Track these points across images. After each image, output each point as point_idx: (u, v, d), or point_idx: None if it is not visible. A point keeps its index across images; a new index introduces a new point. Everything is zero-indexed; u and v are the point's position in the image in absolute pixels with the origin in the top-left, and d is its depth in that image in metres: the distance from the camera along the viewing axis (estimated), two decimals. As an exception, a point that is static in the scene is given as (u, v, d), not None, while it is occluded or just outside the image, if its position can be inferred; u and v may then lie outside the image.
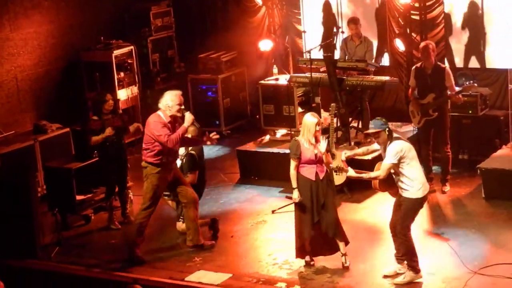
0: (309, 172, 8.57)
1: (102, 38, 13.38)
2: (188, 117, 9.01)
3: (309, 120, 8.59)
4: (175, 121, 9.12)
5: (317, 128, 8.56)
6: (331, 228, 8.60)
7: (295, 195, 8.59)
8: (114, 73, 13.10)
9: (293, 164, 8.59)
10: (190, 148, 9.69)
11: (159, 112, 9.09)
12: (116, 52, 13.19)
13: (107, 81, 12.94)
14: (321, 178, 8.59)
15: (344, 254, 8.70)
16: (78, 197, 10.43)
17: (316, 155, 8.54)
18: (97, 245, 9.96)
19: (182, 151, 9.67)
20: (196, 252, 9.37)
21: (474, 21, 12.24)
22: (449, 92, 10.41)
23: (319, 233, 8.67)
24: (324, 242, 8.73)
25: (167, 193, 9.76)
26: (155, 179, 9.11)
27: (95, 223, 10.56)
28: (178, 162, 9.64)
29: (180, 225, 9.79)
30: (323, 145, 8.57)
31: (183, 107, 9.09)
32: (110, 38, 13.46)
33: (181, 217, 9.74)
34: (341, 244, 8.69)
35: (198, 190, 9.74)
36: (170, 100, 9.01)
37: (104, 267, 9.22)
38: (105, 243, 9.95)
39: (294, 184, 8.60)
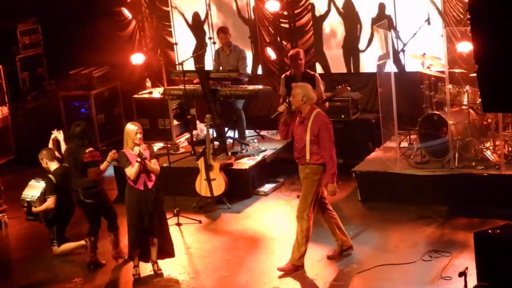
0: (138, 182, 8.61)
1: (-32, 58, 12.96)
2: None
3: (130, 128, 8.64)
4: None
5: (139, 136, 8.62)
6: (159, 238, 8.73)
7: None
8: (-19, 93, 12.71)
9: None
10: (52, 170, 9.45)
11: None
12: (-18, 72, 12.80)
13: (-25, 103, 12.55)
14: (149, 187, 8.65)
15: (155, 262, 8.82)
16: None
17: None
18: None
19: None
20: (76, 273, 9.16)
21: (347, 28, 12.52)
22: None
23: (146, 239, 8.74)
24: (146, 249, 8.81)
25: (31, 217, 9.56)
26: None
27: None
28: (42, 185, 9.43)
29: (56, 249, 9.56)
30: (136, 151, 8.54)
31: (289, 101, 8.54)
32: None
33: (55, 241, 9.55)
34: (153, 251, 8.77)
35: (65, 214, 9.55)
36: None
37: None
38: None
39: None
